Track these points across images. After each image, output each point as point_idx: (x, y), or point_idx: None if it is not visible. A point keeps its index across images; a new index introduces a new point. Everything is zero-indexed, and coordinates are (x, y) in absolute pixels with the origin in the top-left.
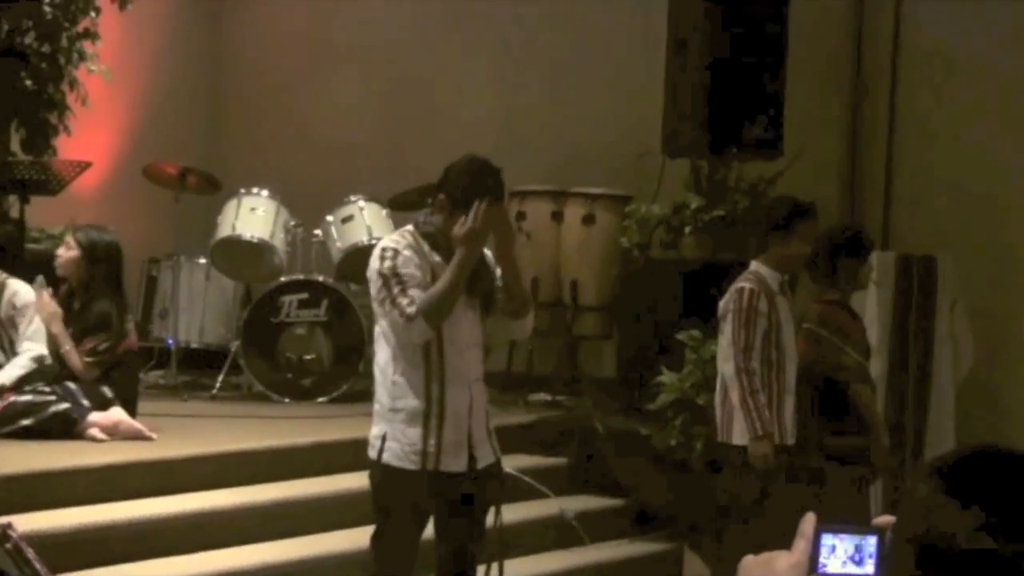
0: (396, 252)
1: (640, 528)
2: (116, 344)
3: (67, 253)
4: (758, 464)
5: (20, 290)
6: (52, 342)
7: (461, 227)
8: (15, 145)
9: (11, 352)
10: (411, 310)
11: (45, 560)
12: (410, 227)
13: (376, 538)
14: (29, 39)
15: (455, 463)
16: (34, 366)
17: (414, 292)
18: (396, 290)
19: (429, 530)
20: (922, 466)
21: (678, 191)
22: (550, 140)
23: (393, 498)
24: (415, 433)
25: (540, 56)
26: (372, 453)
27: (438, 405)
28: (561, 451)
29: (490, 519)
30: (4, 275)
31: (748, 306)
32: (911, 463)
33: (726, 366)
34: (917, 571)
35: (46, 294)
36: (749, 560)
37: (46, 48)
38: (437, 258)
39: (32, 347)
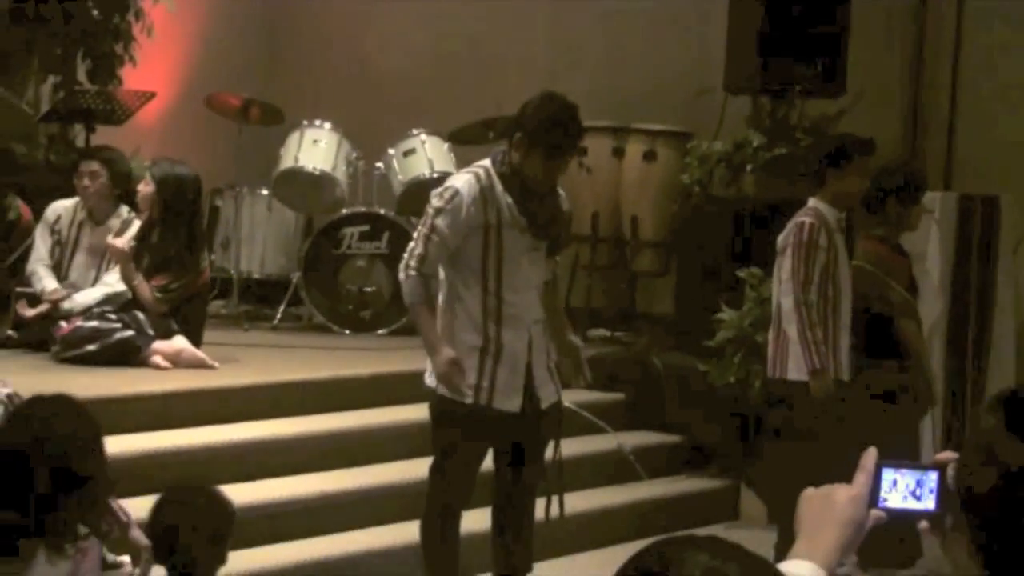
0: (455, 194)
1: (697, 465)
2: (189, 282)
3: (145, 188)
4: (819, 396)
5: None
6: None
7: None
8: (81, 75)
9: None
10: (411, 271)
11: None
12: (487, 162)
13: (433, 469)
14: None
15: (508, 403)
16: (105, 297)
17: (433, 252)
18: (423, 235)
19: (488, 462)
20: (988, 400)
21: (739, 128)
22: (611, 76)
23: (447, 429)
24: (469, 366)
25: None
26: (430, 382)
27: (495, 344)
28: (619, 387)
29: (549, 453)
30: (132, 214)
31: (808, 240)
32: (971, 405)
33: (785, 299)
34: (978, 500)
35: (114, 236)
36: (810, 492)
37: None
38: (509, 200)
39: (113, 282)
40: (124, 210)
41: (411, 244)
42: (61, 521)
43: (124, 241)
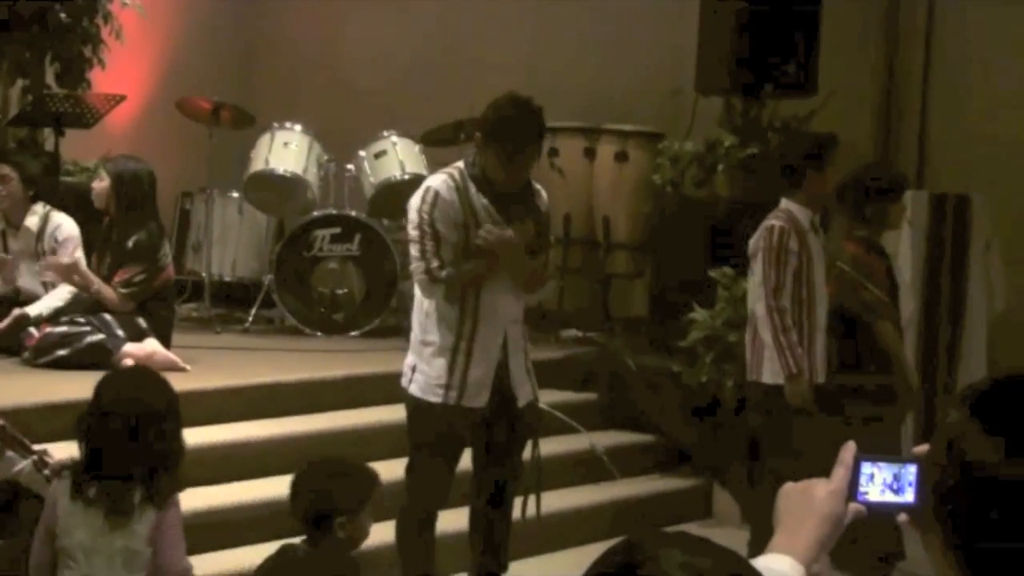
0: (437, 195)
1: (669, 464)
2: (152, 275)
3: (99, 184)
4: (795, 402)
5: (63, 223)
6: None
7: (489, 233)
8: (50, 78)
9: (52, 285)
10: (440, 275)
11: None
12: (460, 164)
13: (408, 469)
14: None
15: (476, 399)
16: (71, 298)
17: (446, 255)
18: (430, 245)
19: (467, 462)
20: (954, 395)
21: (711, 129)
22: (583, 77)
23: (421, 430)
24: (440, 366)
25: None
26: (404, 382)
27: (468, 341)
28: (591, 387)
29: (527, 453)
30: (47, 207)
31: (779, 244)
32: (943, 398)
33: (757, 305)
34: (945, 497)
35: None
36: (789, 487)
37: None
38: (484, 200)
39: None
40: (39, 207)
41: (415, 256)
42: (161, 480)
43: (67, 257)
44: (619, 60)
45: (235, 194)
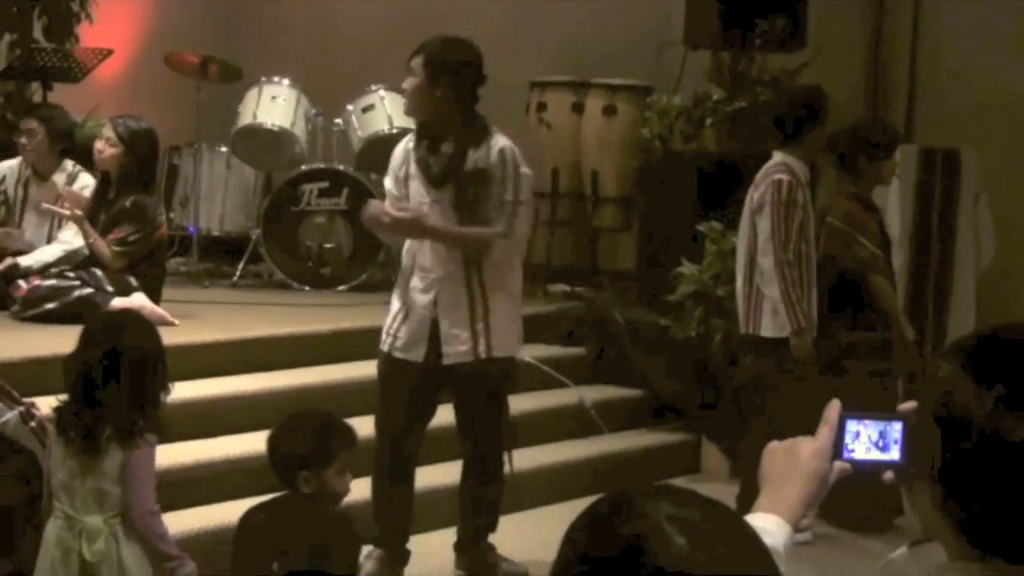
0: (394, 154)
1: (658, 419)
2: (148, 235)
3: (108, 148)
4: (800, 356)
5: (88, 185)
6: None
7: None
8: (37, 32)
9: (54, 239)
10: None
11: None
12: None
13: (376, 418)
14: None
15: (410, 354)
16: (63, 256)
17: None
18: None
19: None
20: (943, 349)
21: (699, 83)
22: (570, 31)
23: (377, 374)
24: (390, 314)
25: None
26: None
27: (408, 297)
28: (580, 342)
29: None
30: (77, 167)
31: (788, 198)
32: (931, 352)
33: (764, 259)
34: (938, 449)
35: (74, 196)
36: (774, 446)
37: None
38: (417, 154)
39: (69, 238)
40: (68, 164)
41: None
42: (133, 420)
43: (79, 203)
44: (607, 14)
45: (223, 148)
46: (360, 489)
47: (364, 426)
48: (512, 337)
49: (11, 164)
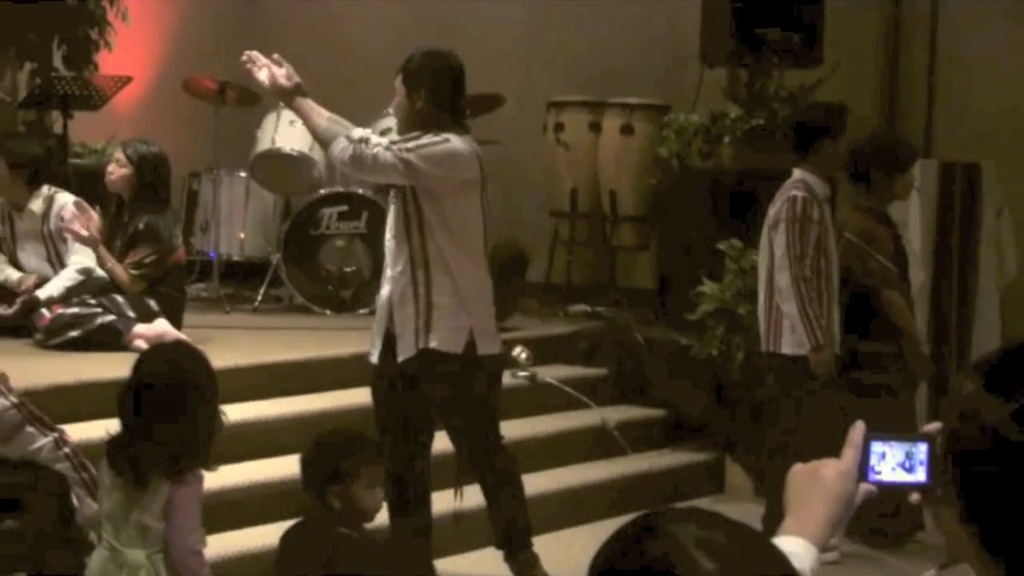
0: None
1: (680, 438)
2: (164, 257)
3: (119, 170)
4: (820, 372)
5: (68, 203)
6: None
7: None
8: (57, 61)
9: (60, 265)
10: None
11: (96, 468)
12: None
13: None
14: None
15: (372, 353)
16: (81, 278)
17: None
18: None
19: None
20: (967, 365)
21: (716, 100)
22: (586, 50)
23: None
24: None
25: None
26: None
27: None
28: (601, 362)
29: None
30: (53, 189)
31: (803, 215)
32: (955, 369)
33: (780, 275)
34: (961, 468)
35: (84, 217)
36: (798, 469)
37: None
38: None
39: (80, 259)
40: (44, 188)
41: None
42: (180, 455)
43: (92, 226)
44: (623, 32)
45: (242, 173)
46: (385, 512)
47: None
48: (456, 334)
49: None
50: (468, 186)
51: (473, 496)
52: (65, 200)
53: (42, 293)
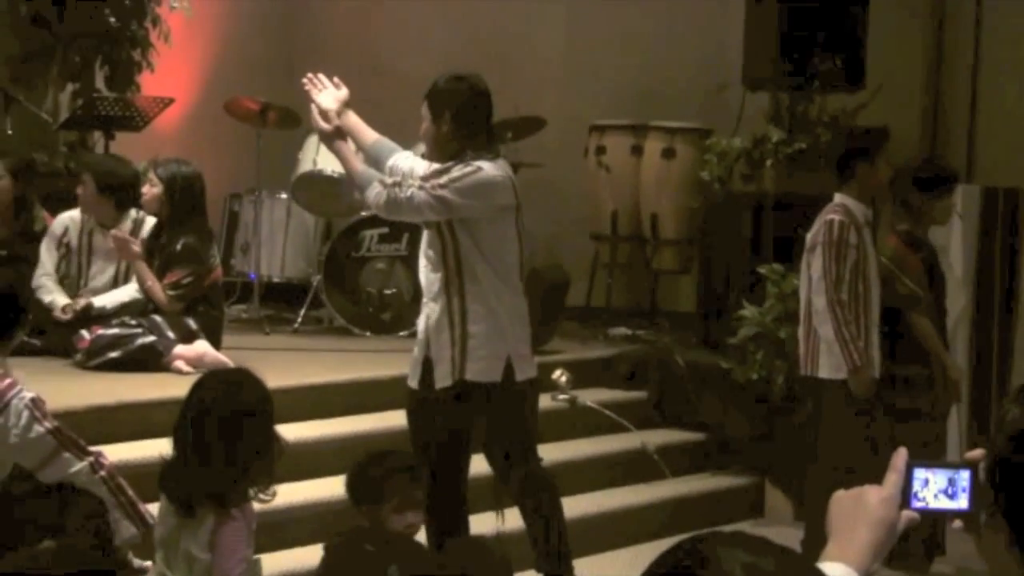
0: None
1: (720, 462)
2: (201, 277)
3: (151, 190)
4: (860, 394)
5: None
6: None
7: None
8: (100, 82)
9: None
10: None
11: (134, 489)
12: None
13: None
14: None
15: (411, 378)
16: (138, 297)
17: None
18: None
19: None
20: (1011, 391)
21: (759, 124)
22: (628, 74)
23: None
24: None
25: None
26: None
27: None
28: (641, 385)
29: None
30: (141, 212)
31: (839, 238)
32: (998, 399)
33: (817, 299)
34: (1010, 492)
35: (125, 234)
36: (840, 495)
37: None
38: None
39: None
40: (133, 212)
41: None
42: (239, 487)
43: (134, 240)
44: (665, 56)
45: (283, 195)
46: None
47: None
48: (493, 363)
49: (73, 215)
50: (504, 212)
51: (514, 519)
52: (152, 222)
53: (98, 301)
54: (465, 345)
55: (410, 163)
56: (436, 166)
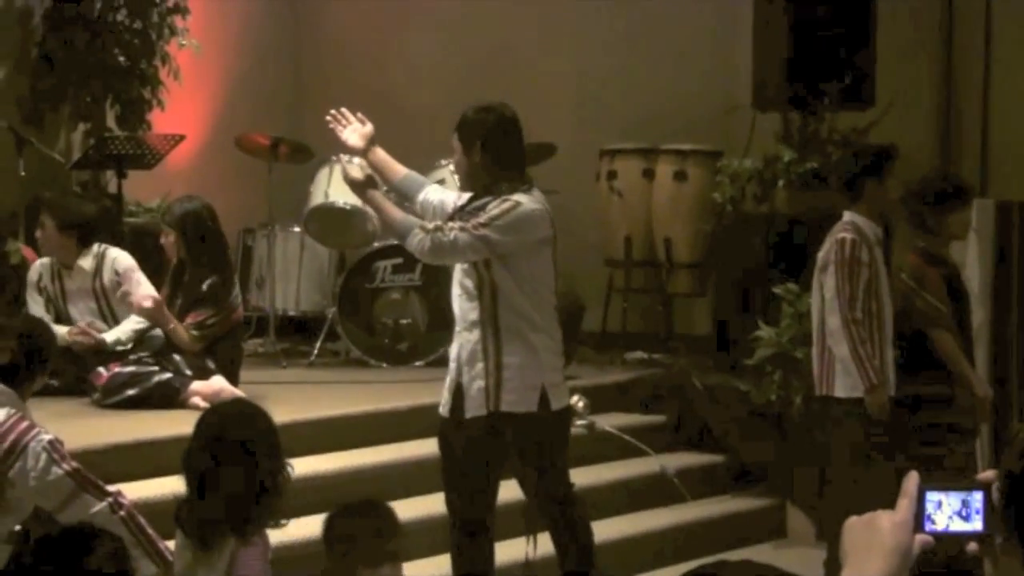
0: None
1: (740, 484)
2: (224, 317)
3: (167, 239)
4: (876, 414)
5: (118, 256)
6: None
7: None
8: (111, 121)
9: (113, 319)
10: None
11: (154, 527)
12: None
13: None
14: (121, 15)
15: (443, 406)
16: (147, 324)
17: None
18: None
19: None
20: None
21: (769, 144)
22: (638, 98)
23: None
24: None
25: (624, 12)
26: None
27: None
28: (659, 409)
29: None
30: (103, 246)
31: (851, 257)
32: (1018, 415)
33: (831, 318)
34: (1014, 505)
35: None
36: (853, 522)
37: (137, 24)
38: None
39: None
40: (95, 247)
41: None
42: (254, 514)
43: (149, 296)
44: (674, 79)
45: (296, 228)
46: (444, 565)
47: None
48: (528, 393)
49: (43, 261)
50: (542, 245)
51: (543, 544)
52: (115, 254)
53: (109, 336)
54: (500, 376)
55: (440, 195)
56: (473, 202)
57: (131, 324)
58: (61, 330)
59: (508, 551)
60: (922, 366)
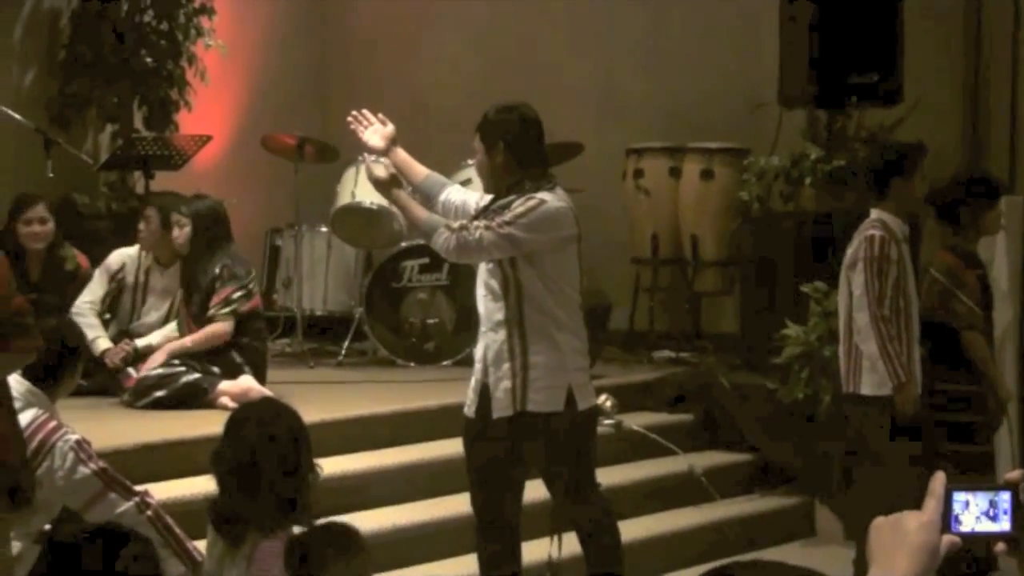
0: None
1: (769, 483)
2: (247, 294)
3: (182, 232)
4: (907, 410)
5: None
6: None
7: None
8: (138, 122)
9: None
10: None
11: (182, 527)
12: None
13: None
14: (147, 17)
15: (468, 408)
16: (177, 333)
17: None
18: None
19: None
20: None
21: (796, 142)
22: (664, 96)
23: None
24: None
25: (649, 11)
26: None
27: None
28: (686, 408)
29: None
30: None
31: (880, 254)
32: None
33: (859, 315)
34: None
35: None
36: (880, 522)
37: (164, 25)
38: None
39: (169, 334)
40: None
41: None
42: (281, 510)
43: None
44: (700, 77)
45: (323, 228)
46: (475, 564)
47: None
48: (555, 393)
49: (130, 252)
50: (567, 243)
51: (568, 545)
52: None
53: (140, 342)
54: (527, 376)
55: (462, 196)
56: (497, 201)
57: (166, 331)
58: (102, 342)
59: (534, 551)
60: (950, 364)
